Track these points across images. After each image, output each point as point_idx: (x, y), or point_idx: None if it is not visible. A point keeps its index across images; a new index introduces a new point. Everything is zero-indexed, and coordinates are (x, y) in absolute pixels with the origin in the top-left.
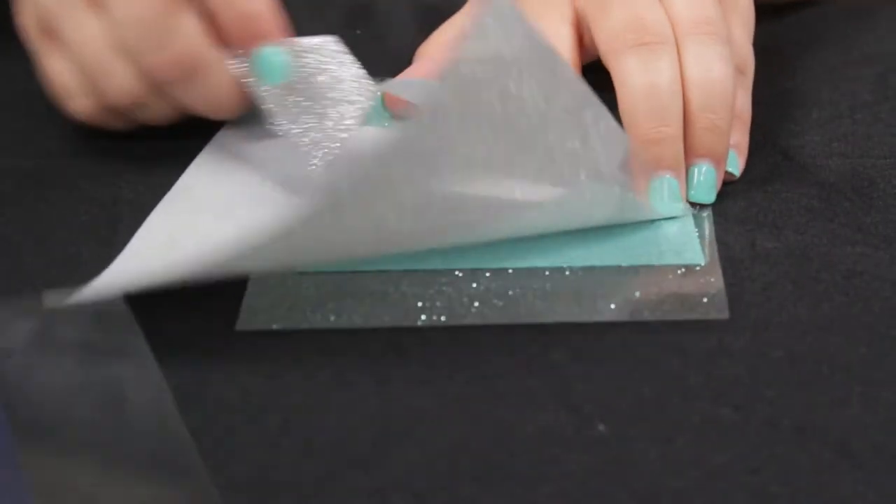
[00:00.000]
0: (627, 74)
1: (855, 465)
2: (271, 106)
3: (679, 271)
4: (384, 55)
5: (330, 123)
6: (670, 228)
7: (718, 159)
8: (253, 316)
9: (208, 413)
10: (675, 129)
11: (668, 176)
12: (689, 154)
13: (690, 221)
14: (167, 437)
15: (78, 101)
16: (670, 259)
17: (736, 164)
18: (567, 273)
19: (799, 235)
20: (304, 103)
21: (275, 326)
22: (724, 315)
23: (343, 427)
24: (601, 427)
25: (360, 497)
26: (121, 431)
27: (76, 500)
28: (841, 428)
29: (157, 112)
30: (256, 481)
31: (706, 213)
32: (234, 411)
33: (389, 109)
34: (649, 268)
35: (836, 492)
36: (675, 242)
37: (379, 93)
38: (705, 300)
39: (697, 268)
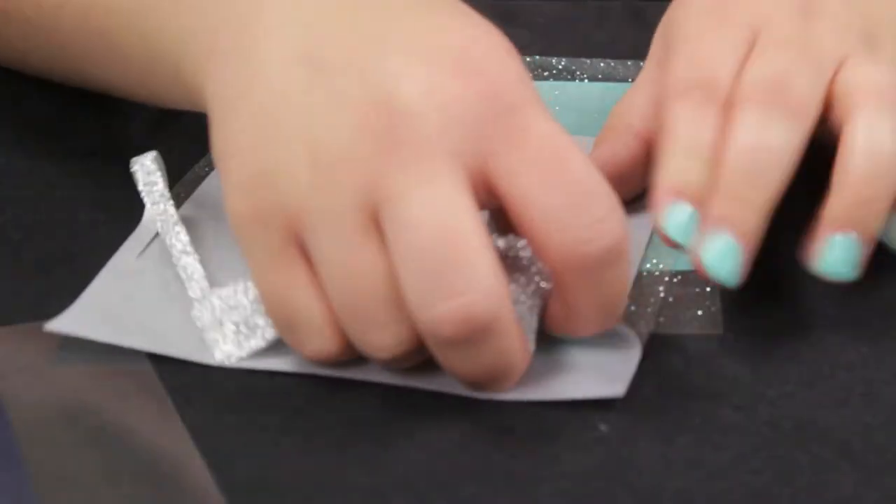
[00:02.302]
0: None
1: (856, 465)
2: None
3: (675, 279)
4: None
5: None
6: None
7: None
8: None
9: (208, 413)
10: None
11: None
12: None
13: None
14: (168, 439)
15: (319, 343)
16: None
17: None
18: None
19: (800, 235)
20: None
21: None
22: (719, 331)
23: (343, 427)
24: (602, 427)
25: (361, 497)
26: (122, 433)
27: (79, 500)
28: (842, 428)
29: (414, 362)
30: (257, 481)
31: None
32: (235, 411)
33: None
34: (644, 278)
35: (836, 492)
36: (673, 252)
37: None
38: (700, 313)
39: (691, 275)
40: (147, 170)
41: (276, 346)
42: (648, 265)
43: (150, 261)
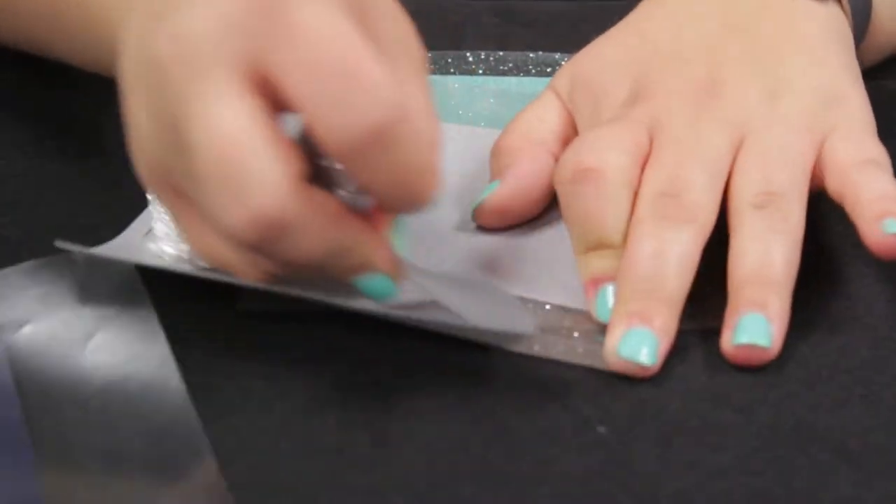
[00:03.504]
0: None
1: (855, 466)
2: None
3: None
4: None
5: None
6: None
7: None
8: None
9: (209, 414)
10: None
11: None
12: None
13: None
14: (172, 414)
15: (245, 271)
16: None
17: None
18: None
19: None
20: None
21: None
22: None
23: (344, 428)
24: (601, 428)
25: (361, 497)
26: (127, 409)
27: (84, 485)
28: (841, 430)
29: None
30: (257, 482)
31: None
32: (236, 412)
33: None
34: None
35: (836, 493)
36: None
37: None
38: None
39: None
40: None
41: None
42: None
43: (156, 240)
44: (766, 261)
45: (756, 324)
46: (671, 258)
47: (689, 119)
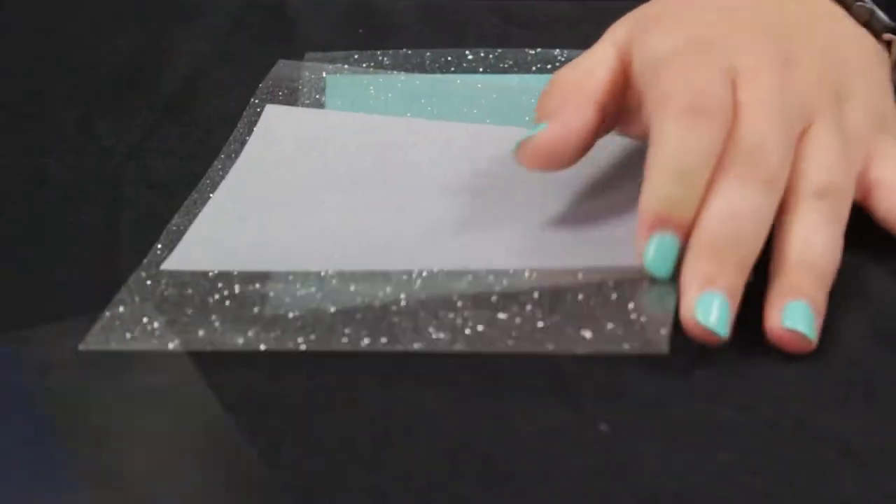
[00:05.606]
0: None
1: (857, 465)
2: None
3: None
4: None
5: None
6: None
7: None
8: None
9: (209, 414)
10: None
11: (668, 236)
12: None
13: None
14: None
15: None
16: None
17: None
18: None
19: None
20: None
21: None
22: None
23: (345, 427)
24: (603, 426)
25: (361, 496)
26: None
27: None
28: (843, 428)
29: None
30: (258, 481)
31: None
32: (235, 411)
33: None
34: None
35: (838, 492)
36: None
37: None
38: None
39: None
40: None
41: None
42: None
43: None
44: (818, 252)
45: (805, 313)
46: (748, 219)
47: (775, 82)
